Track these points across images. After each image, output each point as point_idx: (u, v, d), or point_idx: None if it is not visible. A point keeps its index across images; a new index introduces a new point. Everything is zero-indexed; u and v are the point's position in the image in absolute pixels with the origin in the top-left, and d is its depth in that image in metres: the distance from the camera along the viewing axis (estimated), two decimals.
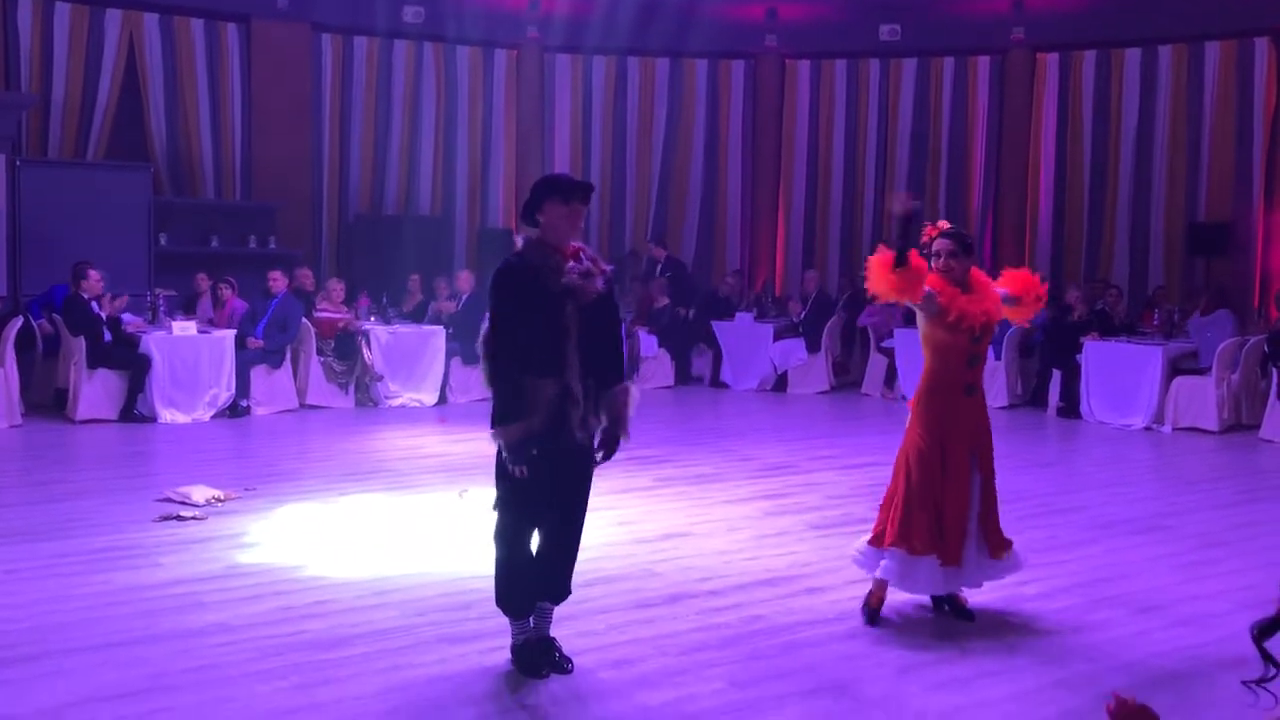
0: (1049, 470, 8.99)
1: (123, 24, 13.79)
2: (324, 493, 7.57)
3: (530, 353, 4.18)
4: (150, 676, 4.31)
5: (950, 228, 5.16)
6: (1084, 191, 15.46)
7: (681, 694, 4.24)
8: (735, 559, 6.13)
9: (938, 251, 5.07)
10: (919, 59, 16.19)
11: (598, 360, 4.30)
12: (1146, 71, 15.00)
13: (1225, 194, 14.52)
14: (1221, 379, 10.93)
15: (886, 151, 16.43)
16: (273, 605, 5.17)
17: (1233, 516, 7.45)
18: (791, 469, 8.83)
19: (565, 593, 4.51)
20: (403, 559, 5.98)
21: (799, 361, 13.67)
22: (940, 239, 5.09)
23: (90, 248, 11.71)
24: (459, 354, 12.28)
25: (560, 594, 4.50)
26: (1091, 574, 5.96)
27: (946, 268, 5.04)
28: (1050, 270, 15.37)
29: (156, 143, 14.02)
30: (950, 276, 5.04)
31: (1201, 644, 4.89)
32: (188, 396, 10.55)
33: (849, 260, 16.50)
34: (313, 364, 11.49)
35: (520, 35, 15.90)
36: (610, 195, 16.64)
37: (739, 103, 16.83)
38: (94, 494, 7.44)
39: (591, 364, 4.28)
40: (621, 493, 7.61)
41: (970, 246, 5.14)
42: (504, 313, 4.22)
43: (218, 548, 6.14)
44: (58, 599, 5.21)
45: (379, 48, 15.31)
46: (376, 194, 15.46)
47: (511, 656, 4.47)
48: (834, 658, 4.66)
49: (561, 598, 4.51)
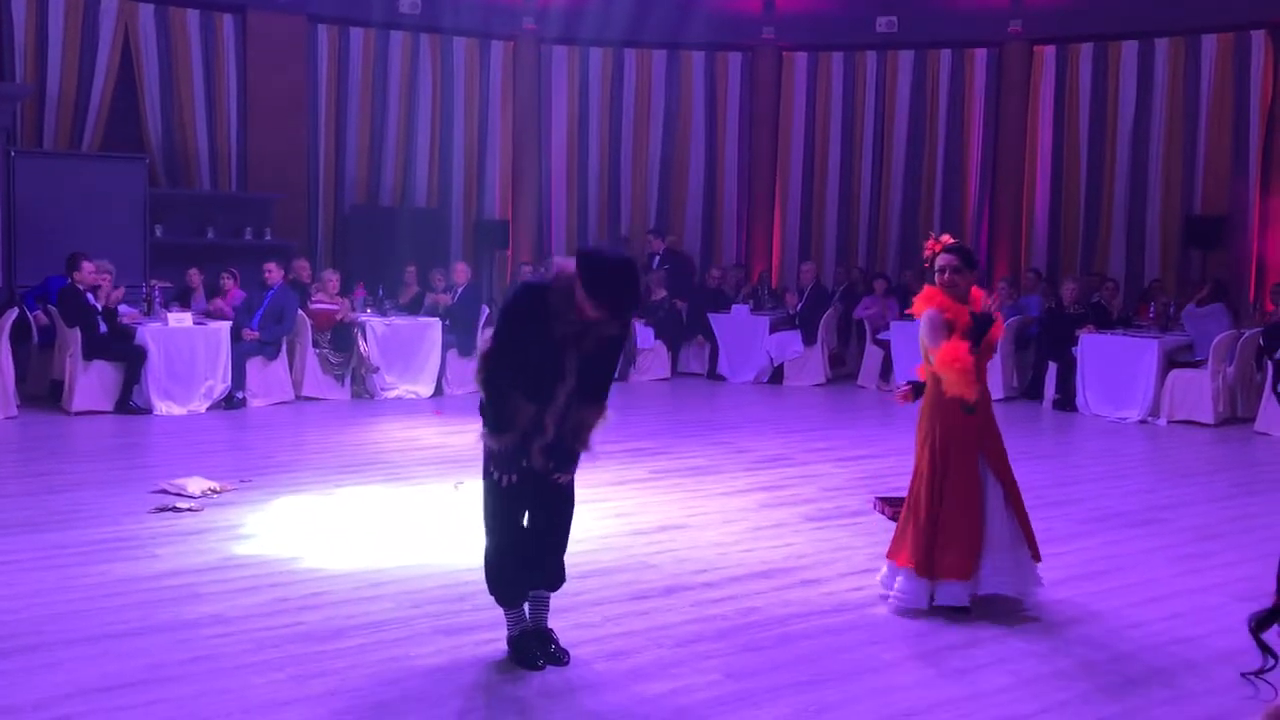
0: (1045, 463, 9.00)
1: (118, 15, 13.74)
2: (320, 484, 7.57)
3: (524, 375, 4.18)
4: (147, 668, 4.30)
5: (953, 242, 5.15)
6: (1080, 184, 15.46)
7: (677, 686, 4.25)
8: (731, 551, 6.14)
9: (941, 267, 5.07)
10: (915, 51, 16.17)
11: (585, 393, 4.25)
12: (1143, 64, 14.98)
13: (1221, 187, 14.52)
14: (1217, 372, 10.95)
15: (883, 143, 16.41)
16: (269, 597, 5.17)
17: (1228, 509, 7.47)
18: (787, 461, 8.84)
19: (559, 580, 4.51)
20: (399, 551, 5.99)
21: (795, 354, 13.68)
22: (944, 254, 5.08)
23: (85, 239, 11.69)
24: (455, 346, 12.29)
25: (554, 582, 4.50)
26: (1087, 566, 5.97)
27: (951, 283, 5.05)
28: (1046, 262, 15.40)
29: (152, 134, 13.97)
30: (954, 292, 5.05)
31: (1197, 636, 4.90)
32: (183, 388, 10.54)
33: (845, 252, 16.53)
34: (309, 356, 11.48)
35: (517, 27, 15.87)
36: (607, 187, 16.62)
37: (735, 95, 16.80)
38: (90, 486, 7.43)
39: (578, 397, 4.24)
40: (618, 485, 7.62)
41: (974, 261, 5.15)
42: (510, 335, 4.19)
43: (214, 539, 6.14)
44: (54, 590, 5.21)
45: (375, 39, 15.27)
46: (372, 185, 15.43)
47: (508, 648, 4.47)
48: (829, 650, 4.67)
49: (556, 585, 4.52)
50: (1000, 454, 5.14)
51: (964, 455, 5.02)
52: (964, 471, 5.01)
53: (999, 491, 5.09)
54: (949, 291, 5.04)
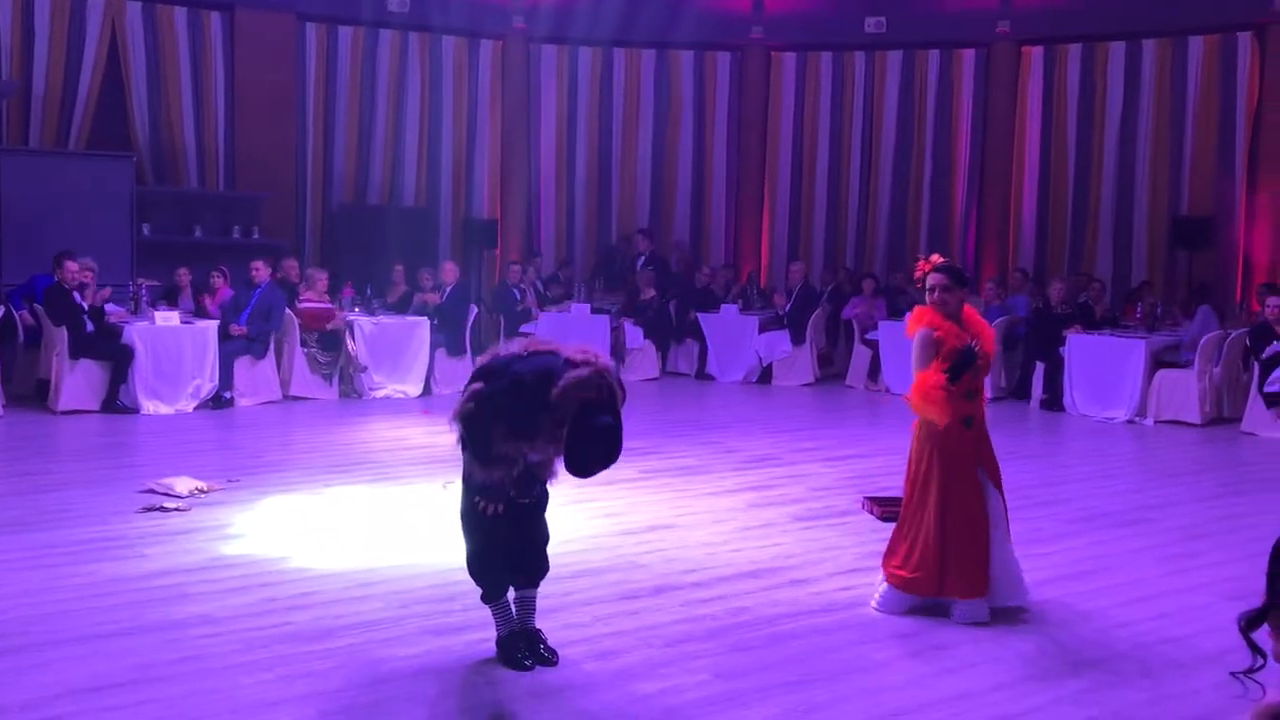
0: (1032, 463, 9.02)
1: (105, 12, 13.69)
2: (308, 484, 7.55)
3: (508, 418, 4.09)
4: (135, 668, 4.29)
5: (943, 261, 5.19)
6: (1068, 184, 15.51)
7: (666, 685, 4.25)
8: (720, 551, 6.14)
9: (932, 286, 5.11)
10: (904, 52, 16.20)
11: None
12: (1130, 65, 15.04)
13: (1208, 187, 14.58)
14: (1204, 372, 10.99)
15: (871, 144, 16.45)
16: (257, 597, 5.16)
17: (1215, 509, 7.50)
18: (776, 461, 8.84)
19: (539, 574, 4.48)
20: (388, 551, 5.98)
21: (784, 354, 13.69)
22: (934, 273, 5.12)
23: (72, 238, 11.65)
24: (444, 345, 12.27)
25: (534, 576, 4.47)
26: (1074, 566, 5.99)
27: (941, 302, 5.08)
28: (1034, 263, 15.45)
29: (139, 132, 13.92)
30: (945, 310, 5.08)
31: (1185, 635, 4.92)
32: (170, 387, 10.50)
33: (833, 252, 16.56)
34: (296, 355, 11.44)
35: (506, 26, 15.86)
36: (597, 186, 16.62)
37: (724, 94, 16.82)
38: (77, 485, 7.40)
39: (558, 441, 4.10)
40: (606, 484, 7.59)
41: (964, 279, 5.18)
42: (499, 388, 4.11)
43: (202, 539, 6.12)
44: (42, 590, 5.18)
45: (364, 37, 15.25)
46: (360, 184, 15.41)
47: (497, 648, 4.47)
48: (818, 649, 4.67)
49: (536, 580, 4.49)
50: (995, 463, 5.17)
51: (966, 469, 5.03)
52: (967, 486, 5.03)
53: (999, 503, 5.12)
54: (940, 310, 5.08)
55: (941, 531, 5.01)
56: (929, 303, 5.11)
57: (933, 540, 5.02)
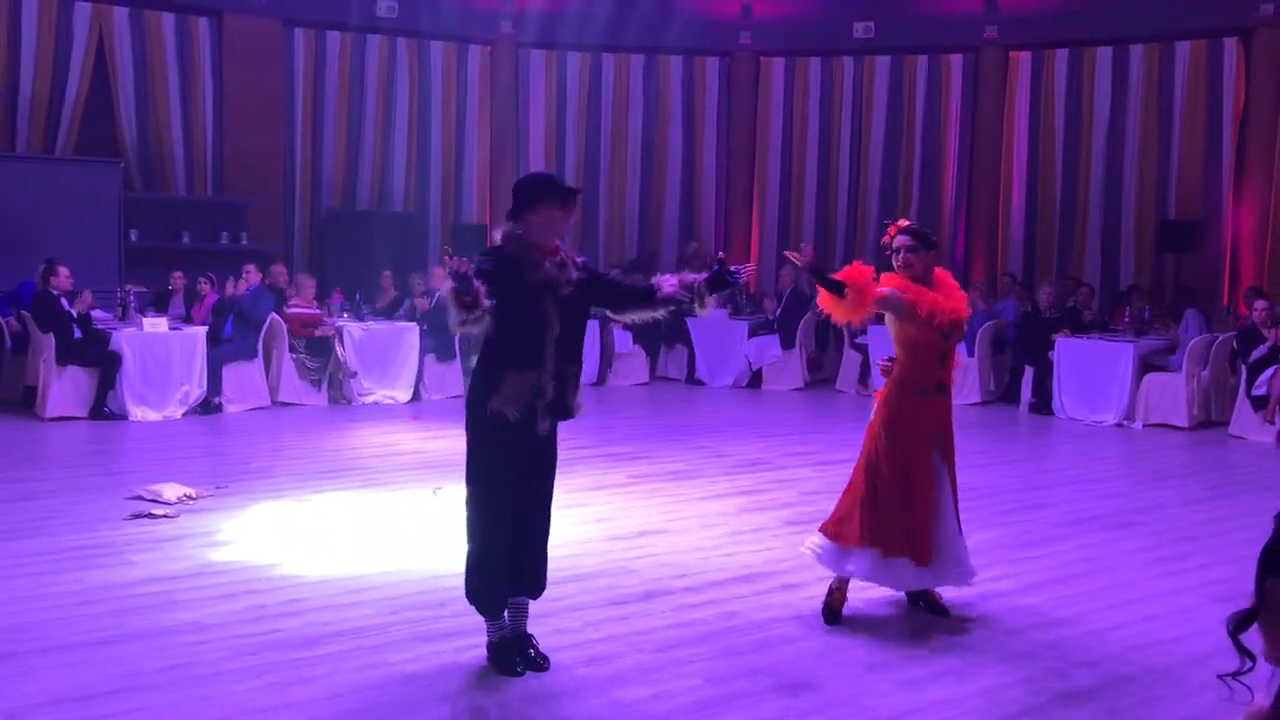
0: (1020, 466, 9.04)
1: (92, 17, 13.65)
2: (297, 491, 7.53)
3: (509, 345, 4.20)
4: (123, 676, 4.27)
5: (909, 224, 5.17)
6: (1056, 189, 15.55)
7: (657, 691, 4.25)
8: (711, 555, 6.14)
9: (897, 248, 5.09)
10: (892, 57, 16.24)
11: (574, 348, 4.36)
12: (1118, 70, 15.09)
13: (1195, 191, 14.63)
14: (1192, 375, 11.03)
15: (860, 149, 16.48)
16: (246, 604, 5.14)
17: (1203, 512, 7.53)
18: (766, 465, 8.85)
19: (539, 587, 4.50)
20: (377, 557, 5.96)
21: (773, 358, 13.71)
22: (900, 235, 5.11)
23: (59, 243, 11.62)
24: (433, 351, 12.24)
25: (535, 589, 4.49)
26: (1062, 570, 6.00)
27: (906, 263, 5.06)
28: (1022, 266, 15.49)
29: (127, 138, 13.89)
30: (910, 273, 5.05)
31: (1173, 638, 4.94)
32: (159, 394, 10.47)
33: (823, 258, 16.56)
34: (285, 361, 11.41)
35: (495, 31, 15.85)
36: (585, 192, 16.60)
37: (713, 100, 16.84)
38: (64, 492, 7.37)
39: (568, 353, 4.33)
40: (596, 489, 7.61)
41: (930, 242, 5.12)
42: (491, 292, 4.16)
43: (190, 546, 6.10)
44: (29, 598, 5.16)
45: (352, 42, 15.23)
46: (349, 190, 15.38)
47: (487, 654, 4.46)
48: (810, 654, 4.67)
49: (537, 592, 4.51)
50: (951, 448, 5.13)
51: (924, 446, 5.01)
52: (923, 462, 4.99)
53: (947, 486, 5.09)
54: (905, 272, 5.04)
55: (877, 487, 4.96)
56: (895, 266, 5.08)
57: (861, 491, 4.99)
